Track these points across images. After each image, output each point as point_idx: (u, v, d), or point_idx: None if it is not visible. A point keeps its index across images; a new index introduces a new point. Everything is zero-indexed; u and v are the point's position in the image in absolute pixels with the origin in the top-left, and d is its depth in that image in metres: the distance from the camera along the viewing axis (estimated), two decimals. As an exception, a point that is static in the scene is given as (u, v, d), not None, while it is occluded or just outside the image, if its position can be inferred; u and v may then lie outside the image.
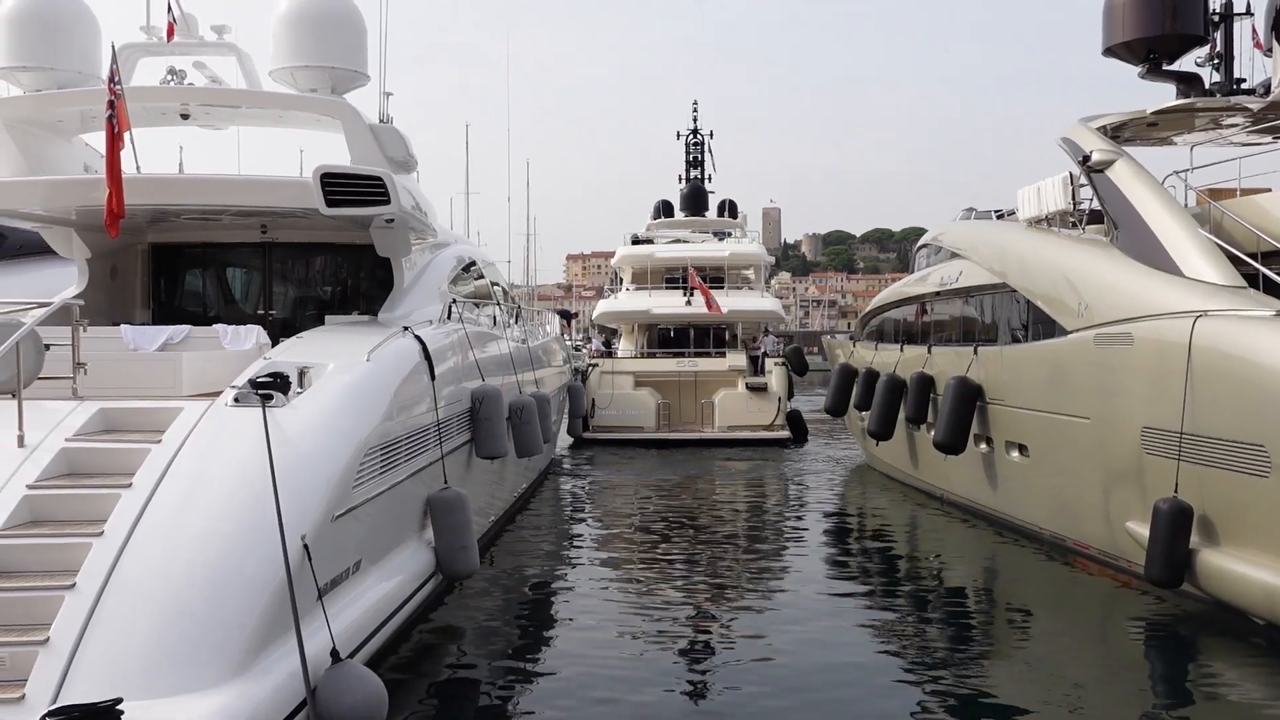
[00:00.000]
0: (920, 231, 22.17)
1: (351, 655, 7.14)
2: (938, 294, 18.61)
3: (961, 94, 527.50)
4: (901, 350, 19.82)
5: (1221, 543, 10.21)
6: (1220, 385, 10.12)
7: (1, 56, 12.45)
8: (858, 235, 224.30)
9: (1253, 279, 11.15)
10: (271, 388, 7.84)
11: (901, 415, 18.51)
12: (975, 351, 15.95)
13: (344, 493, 7.70)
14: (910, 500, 18.36)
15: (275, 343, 10.35)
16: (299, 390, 8.23)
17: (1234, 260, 11.34)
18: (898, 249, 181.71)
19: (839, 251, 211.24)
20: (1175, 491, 10.50)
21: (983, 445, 15.67)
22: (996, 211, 19.14)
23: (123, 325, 10.30)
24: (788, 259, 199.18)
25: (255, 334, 10.74)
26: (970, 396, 15.62)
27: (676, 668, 8.99)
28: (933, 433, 16.40)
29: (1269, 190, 12.75)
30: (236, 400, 7.84)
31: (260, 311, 13.94)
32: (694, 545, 14.33)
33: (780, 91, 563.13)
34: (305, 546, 6.77)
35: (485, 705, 8.22)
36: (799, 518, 16.99)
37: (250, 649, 6.07)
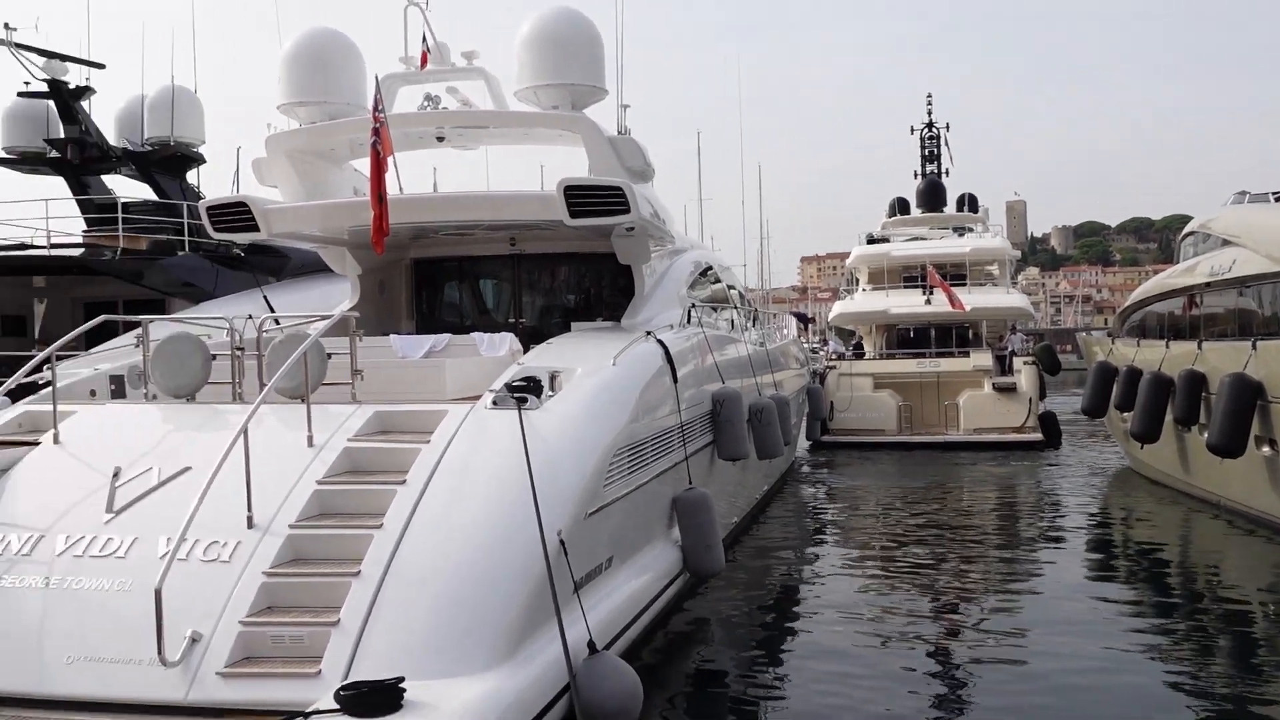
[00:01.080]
0: (1184, 219, 20.57)
1: (606, 647, 7.37)
2: (1208, 285, 17.22)
3: (1218, 73, 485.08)
4: (1168, 346, 18.47)
5: None
6: None
7: (282, 93, 13.65)
8: (1113, 225, 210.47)
9: None
10: (526, 391, 8.24)
11: (1169, 416, 17.24)
12: (1254, 346, 14.65)
13: (595, 491, 7.98)
14: (1181, 507, 17.06)
15: (526, 349, 10.85)
16: (551, 393, 8.60)
17: None
18: (1159, 239, 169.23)
19: (1092, 243, 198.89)
20: None
21: (1265, 448, 14.37)
22: (1275, 193, 17.53)
23: (391, 335, 11.11)
24: (1035, 253, 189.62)
25: (509, 341, 11.28)
26: (1249, 394, 14.36)
27: (923, 669, 8.82)
28: (1206, 434, 15.19)
29: None
30: (495, 403, 8.28)
31: (511, 320, 14.64)
32: (940, 550, 13.89)
33: (1018, 80, 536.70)
34: (561, 541, 7.06)
35: (734, 697, 8.37)
36: (1055, 524, 16.13)
37: (515, 637, 6.40)
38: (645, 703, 7.15)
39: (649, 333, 11.13)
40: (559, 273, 15.13)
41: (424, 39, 14.50)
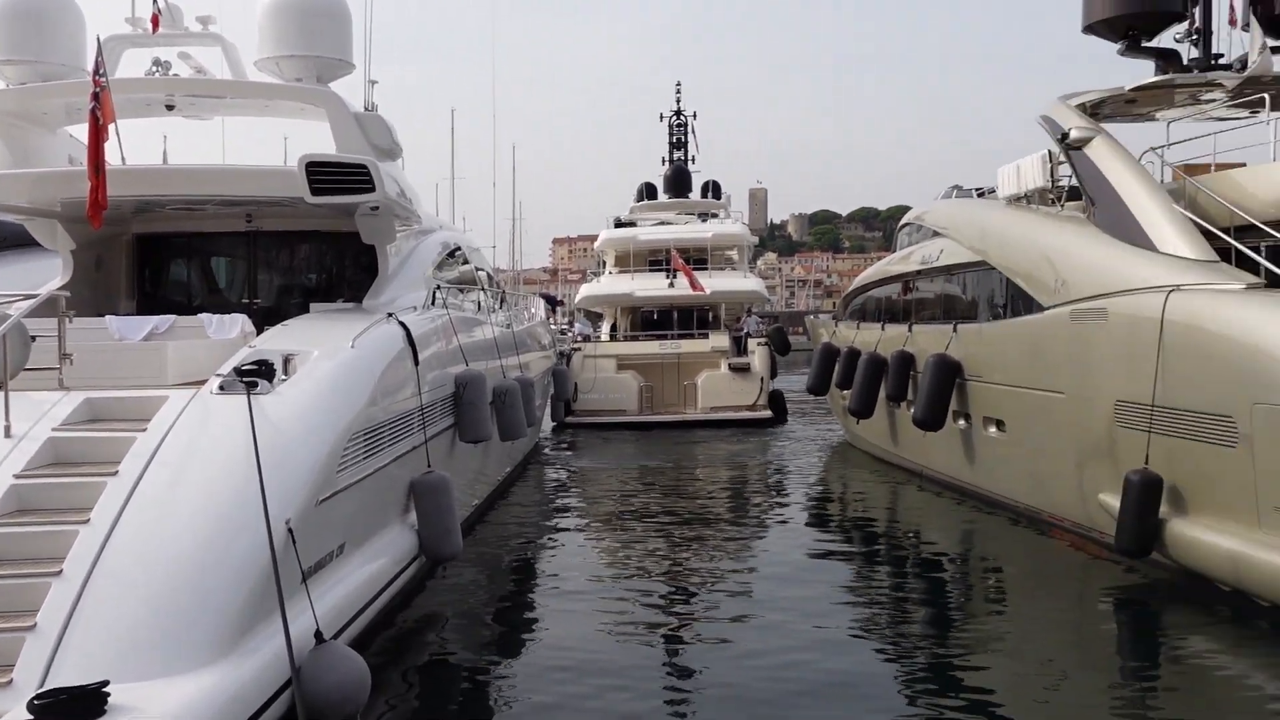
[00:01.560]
0: (905, 210, 22.31)
1: (335, 636, 7.28)
2: (919, 273, 18.77)
3: (947, 72, 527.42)
4: (883, 329, 20.00)
5: (1189, 512, 10.43)
6: (1190, 358, 10.32)
7: (-12, 50, 12.45)
8: (844, 215, 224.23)
9: (1226, 253, 11.33)
10: (256, 375, 7.96)
11: (882, 393, 18.70)
12: (955, 329, 16.13)
13: (328, 477, 7.83)
14: (891, 477, 18.58)
15: (260, 331, 10.45)
16: (283, 377, 8.34)
17: (1207, 235, 11.52)
18: (884, 228, 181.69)
19: (825, 231, 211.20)
20: (1146, 463, 10.71)
21: (961, 422, 15.87)
22: (977, 190, 19.29)
23: (108, 316, 10.38)
24: (774, 239, 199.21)
25: (240, 323, 10.82)
26: (949, 373, 15.80)
27: (658, 648, 9.13)
28: (912, 410, 16.59)
29: (1243, 165, 12.93)
30: (221, 388, 7.96)
31: (245, 300, 14.01)
32: (676, 526, 14.51)
33: (765, 72, 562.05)
34: (290, 530, 6.90)
35: (468, 686, 8.39)
36: (781, 498, 17.19)
37: (235, 631, 6.20)
38: (376, 692, 7.12)
39: (391, 314, 10.98)
40: (298, 251, 14.59)
41: (154, 1, 13.58)
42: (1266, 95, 12.67)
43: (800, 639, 9.31)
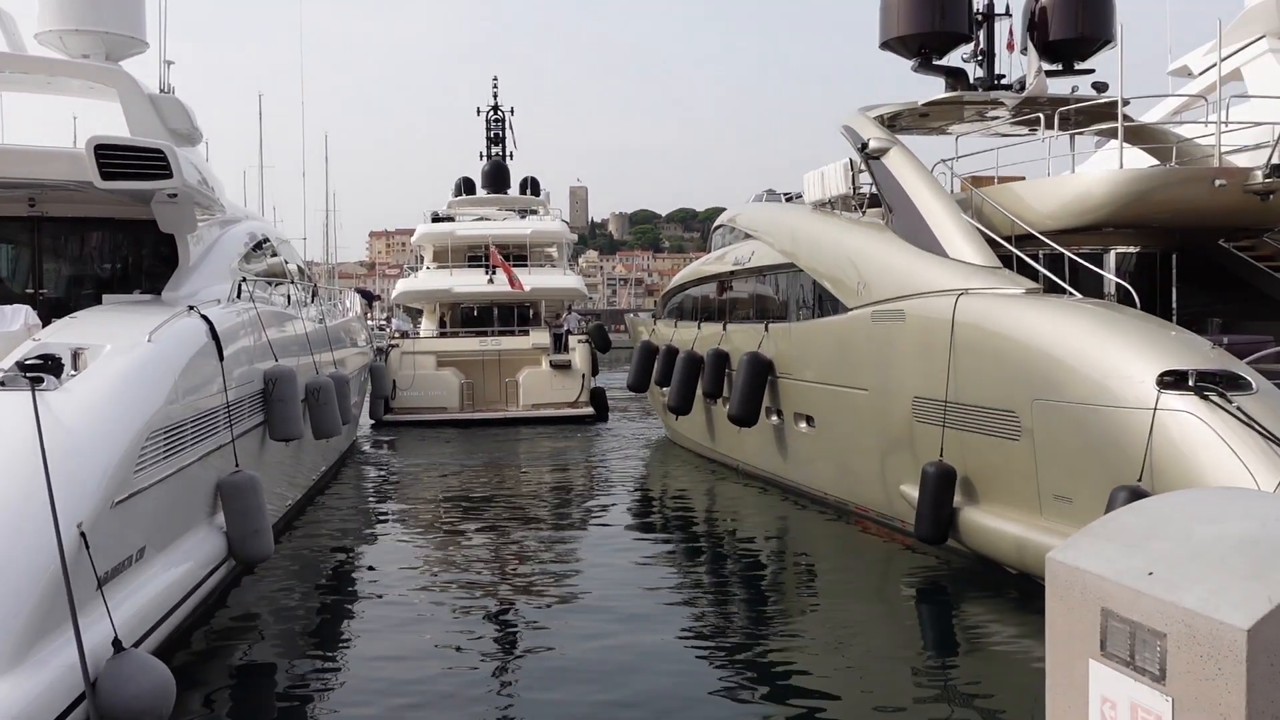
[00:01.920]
0: (721, 211, 22.90)
1: (137, 644, 6.93)
2: (733, 273, 19.32)
3: (763, 79, 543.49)
4: (699, 327, 20.48)
5: (980, 501, 11.17)
6: (978, 357, 11.04)
7: None
8: (663, 215, 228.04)
9: (1008, 260, 12.17)
10: (41, 370, 7.50)
11: (699, 390, 19.14)
12: (766, 328, 16.69)
13: (124, 478, 7.43)
14: (708, 471, 19.07)
15: (47, 323, 9.80)
16: (73, 373, 7.88)
17: (991, 243, 12.35)
18: (701, 228, 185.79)
19: (645, 230, 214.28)
20: (941, 455, 11.40)
21: (774, 417, 16.45)
22: (785, 194, 19.99)
23: None
24: (595, 237, 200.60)
25: (24, 314, 10.10)
26: (762, 371, 16.34)
27: (477, 652, 9.03)
28: (728, 406, 17.07)
29: (1023, 179, 13.92)
30: (2, 384, 7.44)
31: (30, 291, 13.09)
32: (497, 522, 14.47)
33: (586, 72, 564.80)
34: (82, 534, 6.52)
35: (280, 691, 8.12)
36: (603, 493, 17.37)
37: (24, 641, 5.83)
38: (181, 700, 6.82)
39: (192, 307, 10.50)
40: (89, 239, 13.72)
41: (-84, -38, 12.53)
42: (1042, 115, 13.70)
43: (617, 634, 9.43)
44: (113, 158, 10.49)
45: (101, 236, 13.64)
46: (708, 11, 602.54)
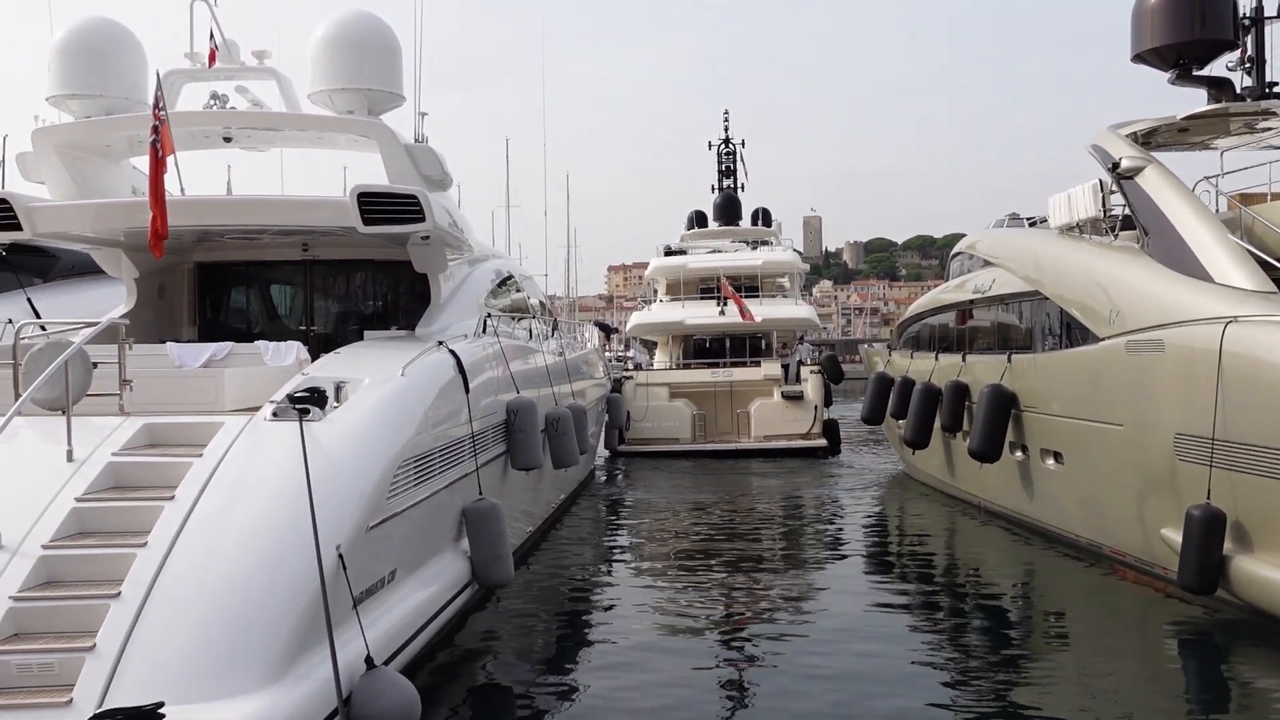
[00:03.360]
0: (960, 238, 22.12)
1: (387, 662, 7.33)
2: (972, 302, 18.59)
3: (1000, 100, 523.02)
4: (937, 358, 19.80)
5: (1255, 549, 10.16)
6: (1251, 390, 10.08)
7: (53, 84, 12.89)
8: (899, 242, 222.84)
9: (1285, 284, 11.08)
10: (308, 402, 8.10)
11: (937, 424, 18.48)
12: (1009, 359, 15.93)
13: (378, 503, 7.93)
14: (947, 509, 18.32)
15: (316, 357, 10.63)
16: (335, 404, 8.48)
17: (1264, 265, 11.29)
18: (940, 255, 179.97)
19: (881, 259, 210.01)
20: (1208, 497, 10.46)
21: (1018, 453, 15.64)
22: (1029, 219, 19.09)
23: (169, 343, 10.64)
24: (829, 267, 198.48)
25: (295, 350, 11.02)
26: (1005, 404, 15.59)
27: (713, 682, 9.04)
28: (968, 441, 16.38)
29: (1302, 194, 12.69)
30: (275, 415, 8.10)
31: (303, 327, 14.27)
32: (731, 557, 14.39)
33: (816, 99, 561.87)
34: (340, 556, 6.99)
35: (520, 714, 8.39)
36: (836, 528, 17.00)
37: (286, 655, 6.29)
38: (427, 717, 7.15)
39: (441, 342, 11.11)
40: (354, 279, 14.85)
41: (211, 35, 13.98)
42: (1325, 123, 12.45)
43: (855, 673, 9.18)
44: (373, 204, 11.31)
45: (364, 277, 14.73)
46: (940, 27, 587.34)
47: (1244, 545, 10.28)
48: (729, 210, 40.12)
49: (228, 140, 14.16)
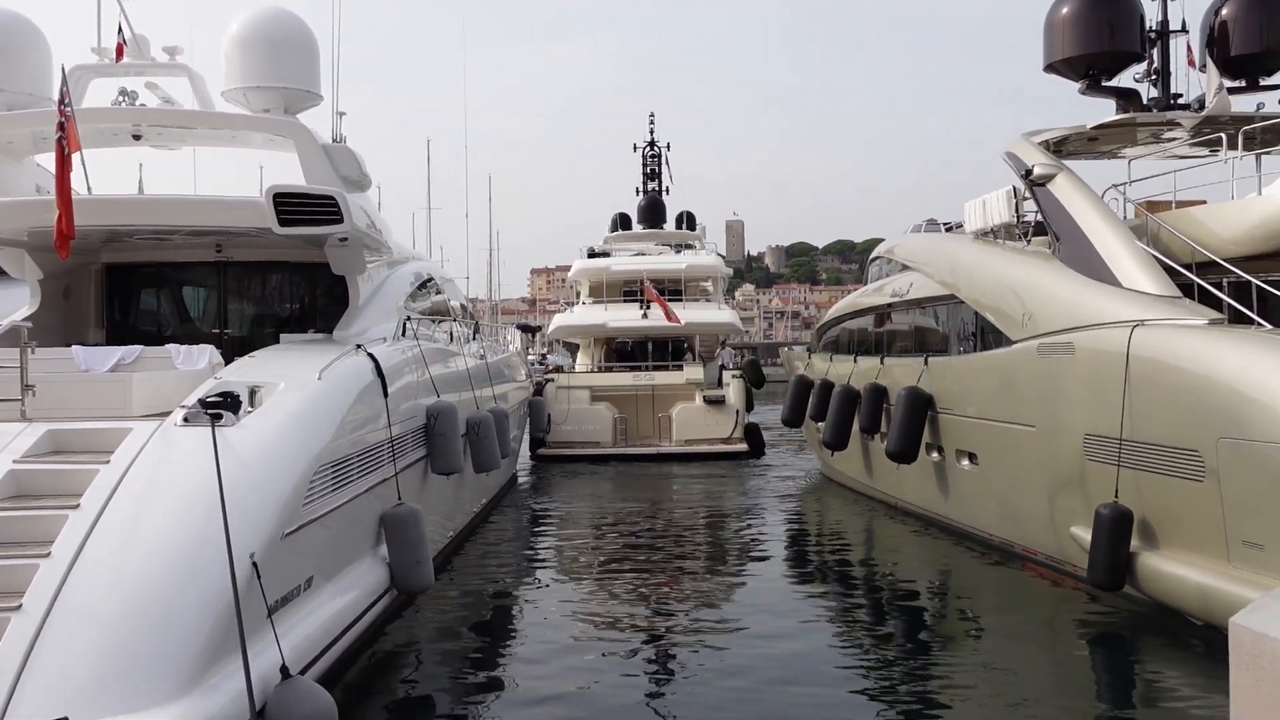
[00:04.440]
0: (879, 243, 22.47)
1: (303, 671, 7.19)
2: (890, 306, 18.88)
3: (919, 107, 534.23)
4: (855, 361, 20.07)
5: (1160, 546, 10.49)
6: (1156, 392, 10.41)
7: (-51, 79, 12.41)
8: (820, 247, 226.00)
9: (1188, 289, 11.47)
10: (221, 407, 7.92)
11: (856, 426, 18.73)
12: (926, 362, 16.22)
13: (294, 510, 7.76)
14: (866, 509, 18.58)
15: (230, 361, 10.38)
16: (249, 409, 8.30)
17: (1170, 271, 11.67)
18: (859, 260, 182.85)
19: (802, 263, 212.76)
20: (1116, 496, 10.77)
21: (934, 454, 15.93)
22: (946, 224, 19.47)
23: (74, 346, 10.29)
24: (751, 271, 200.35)
25: (208, 353, 10.76)
26: (921, 406, 15.87)
27: (636, 684, 9.05)
28: (886, 442, 16.64)
29: (1204, 202, 13.14)
30: (186, 420, 7.90)
31: (216, 330, 13.94)
32: (654, 560, 14.43)
33: (741, 105, 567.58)
34: (254, 564, 6.83)
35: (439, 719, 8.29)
36: (757, 530, 17.13)
37: (198, 667, 6.12)
38: (343, 727, 7.02)
39: (360, 346, 10.95)
40: (269, 281, 14.54)
41: (120, 29, 13.58)
42: (1224, 134, 12.91)
43: (774, 672, 9.26)
44: (289, 205, 11.09)
45: (280, 279, 14.43)
46: (859, 39, 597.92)
47: (1150, 542, 10.61)
48: (653, 213, 40.22)
49: (137, 138, 13.76)
